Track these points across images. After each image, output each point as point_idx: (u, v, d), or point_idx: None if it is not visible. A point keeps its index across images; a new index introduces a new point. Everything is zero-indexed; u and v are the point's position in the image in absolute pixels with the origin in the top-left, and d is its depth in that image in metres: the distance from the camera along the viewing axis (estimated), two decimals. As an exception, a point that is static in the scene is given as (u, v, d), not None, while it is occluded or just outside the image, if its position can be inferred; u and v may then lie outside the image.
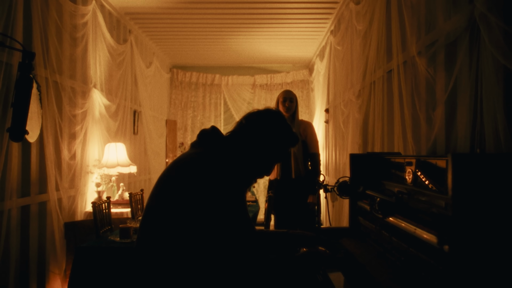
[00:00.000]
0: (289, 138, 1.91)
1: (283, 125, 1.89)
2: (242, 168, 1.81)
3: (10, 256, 3.13)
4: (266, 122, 1.86)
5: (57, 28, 3.77)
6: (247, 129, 1.85)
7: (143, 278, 1.66)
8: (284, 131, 1.89)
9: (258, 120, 1.87)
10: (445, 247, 1.31)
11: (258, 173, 1.89)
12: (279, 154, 1.89)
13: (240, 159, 1.81)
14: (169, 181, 1.71)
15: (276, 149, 1.87)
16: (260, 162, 1.86)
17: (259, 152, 1.84)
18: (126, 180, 5.58)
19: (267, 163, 1.89)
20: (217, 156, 1.76)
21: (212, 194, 1.63)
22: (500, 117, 1.71)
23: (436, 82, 2.42)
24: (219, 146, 1.80)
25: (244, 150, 1.82)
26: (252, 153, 1.83)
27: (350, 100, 4.52)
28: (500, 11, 1.75)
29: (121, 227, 2.99)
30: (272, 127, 1.86)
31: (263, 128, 1.85)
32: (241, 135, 1.85)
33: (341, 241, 2.40)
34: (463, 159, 1.27)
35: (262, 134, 1.84)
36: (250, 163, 1.83)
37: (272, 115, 1.90)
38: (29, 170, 3.43)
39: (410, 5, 2.80)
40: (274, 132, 1.86)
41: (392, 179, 2.16)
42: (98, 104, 4.66)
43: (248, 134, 1.84)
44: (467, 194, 1.25)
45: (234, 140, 1.84)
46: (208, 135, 1.84)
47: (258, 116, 1.89)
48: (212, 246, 1.62)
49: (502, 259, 1.24)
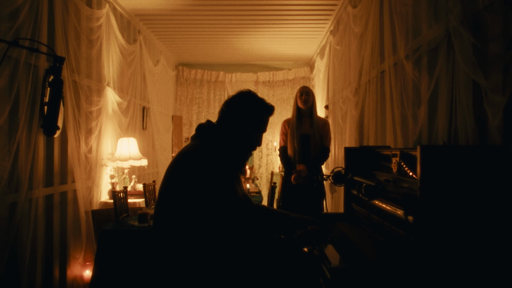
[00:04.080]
0: (263, 108, 2.21)
1: (255, 99, 2.20)
2: (234, 147, 2.14)
3: (37, 241, 3.45)
4: (240, 102, 2.18)
5: (75, 32, 4.07)
6: (229, 113, 2.17)
7: (159, 255, 1.98)
8: (257, 104, 2.19)
9: (235, 102, 2.19)
10: (409, 218, 1.64)
11: (250, 146, 2.21)
12: (260, 124, 2.21)
13: (231, 140, 2.14)
14: (176, 170, 2.03)
15: (255, 120, 2.18)
16: (246, 136, 2.17)
17: (243, 127, 2.15)
18: (137, 173, 5.91)
19: (252, 135, 2.19)
20: (213, 145, 2.09)
21: (213, 178, 1.95)
22: (469, 116, 2.01)
23: (421, 83, 2.72)
24: (213, 136, 2.13)
25: (231, 131, 2.15)
26: (238, 130, 2.15)
27: (348, 98, 4.80)
28: (471, 25, 2.04)
29: (140, 213, 3.32)
30: (246, 104, 2.17)
31: (239, 107, 2.17)
32: (225, 119, 2.17)
33: (336, 225, 2.70)
34: (429, 150, 1.57)
35: (240, 112, 2.16)
36: (239, 139, 2.15)
37: (244, 95, 2.21)
38: (52, 163, 3.75)
39: (400, 12, 3.08)
40: (249, 107, 2.17)
41: (381, 169, 2.45)
42: (111, 101, 4.97)
43: (231, 116, 2.16)
44: (432, 178, 1.56)
45: (222, 126, 2.17)
46: (204, 128, 2.17)
47: (233, 99, 2.21)
48: (217, 222, 1.93)
49: (457, 227, 1.55)
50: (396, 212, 1.90)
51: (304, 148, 4.39)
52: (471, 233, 1.55)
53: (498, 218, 1.54)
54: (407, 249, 1.76)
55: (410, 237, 1.71)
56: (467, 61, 1.97)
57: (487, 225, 1.55)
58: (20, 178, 3.15)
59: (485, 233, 1.55)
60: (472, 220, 1.56)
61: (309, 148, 4.37)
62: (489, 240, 1.54)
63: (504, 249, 1.53)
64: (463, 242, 1.55)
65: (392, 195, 1.99)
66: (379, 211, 2.18)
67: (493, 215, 1.55)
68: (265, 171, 9.13)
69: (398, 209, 1.85)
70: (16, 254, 3.13)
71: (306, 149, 4.39)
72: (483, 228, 1.55)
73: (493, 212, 1.55)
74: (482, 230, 1.55)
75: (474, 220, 1.56)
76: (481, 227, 1.55)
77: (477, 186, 1.56)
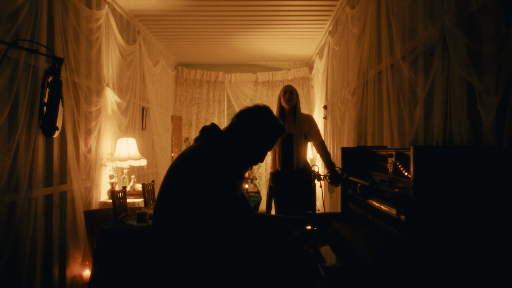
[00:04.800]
0: (275, 128, 2.24)
1: (269, 117, 2.23)
2: (237, 157, 2.15)
3: (37, 240, 3.47)
4: (254, 117, 2.20)
5: (75, 32, 4.10)
6: (239, 124, 2.19)
7: (158, 255, 2.00)
8: (271, 123, 2.22)
9: (248, 115, 2.21)
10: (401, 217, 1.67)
11: (252, 160, 2.24)
12: (268, 143, 2.24)
13: (236, 149, 2.15)
14: (177, 170, 2.05)
15: (265, 138, 2.21)
16: (252, 150, 2.19)
17: (251, 142, 2.18)
18: (136, 173, 5.93)
19: (259, 151, 2.22)
20: (216, 148, 2.10)
21: (213, 180, 1.96)
22: (464, 116, 2.04)
23: (417, 84, 2.74)
24: (218, 140, 2.14)
25: (238, 142, 2.16)
26: (245, 143, 2.17)
27: (346, 98, 4.81)
28: (465, 27, 2.06)
29: (138, 213, 3.34)
30: (259, 120, 2.20)
31: (252, 121, 2.19)
32: (235, 129, 2.19)
33: (333, 224, 2.73)
34: (422, 151, 1.60)
35: (252, 127, 2.18)
36: (244, 152, 2.17)
37: (259, 110, 2.23)
38: (52, 163, 3.77)
39: (397, 13, 3.10)
40: (261, 124, 2.20)
41: (378, 169, 2.48)
42: (110, 101, 4.99)
43: (241, 128, 2.18)
44: (424, 177, 1.58)
45: (229, 134, 2.19)
46: (208, 131, 2.19)
47: (247, 112, 2.23)
48: (217, 226, 1.95)
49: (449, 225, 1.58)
50: (390, 211, 1.93)
51: (287, 147, 4.41)
52: (463, 231, 1.58)
53: (489, 216, 1.57)
54: (400, 248, 1.78)
55: (402, 235, 1.73)
56: (462, 63, 2.00)
57: (478, 223, 1.58)
58: (20, 178, 3.17)
59: (476, 231, 1.57)
60: (463, 219, 1.58)
61: (292, 147, 4.38)
62: (480, 238, 1.57)
63: (495, 246, 1.55)
64: (454, 240, 1.58)
65: (387, 194, 2.02)
66: (375, 210, 2.20)
67: (484, 213, 1.57)
68: (264, 171, 9.16)
69: (392, 209, 1.88)
70: (16, 254, 3.15)
71: (289, 148, 4.40)
72: (474, 226, 1.58)
73: (484, 211, 1.57)
74: (473, 228, 1.58)
75: (465, 218, 1.58)
76: (473, 225, 1.58)
77: (469, 186, 1.58)
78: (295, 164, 4.37)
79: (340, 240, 2.33)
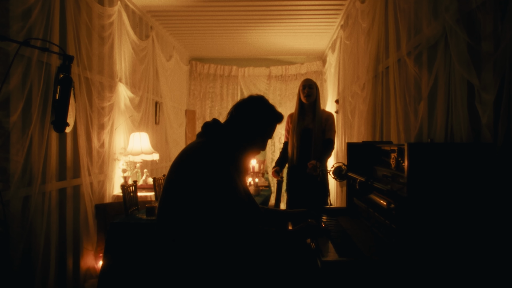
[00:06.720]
0: (272, 115, 2.28)
1: (265, 106, 2.26)
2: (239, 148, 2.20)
3: (51, 233, 3.58)
4: (250, 107, 2.24)
5: (87, 29, 4.18)
6: (237, 116, 2.24)
7: (162, 249, 2.06)
8: (267, 111, 2.26)
9: (244, 106, 2.25)
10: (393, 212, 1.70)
11: (254, 150, 2.28)
12: (267, 131, 2.28)
13: (236, 141, 2.20)
14: (180, 165, 2.10)
15: (262, 126, 2.25)
16: (252, 140, 2.24)
17: (250, 132, 2.22)
18: (149, 167, 6.03)
19: (259, 139, 2.26)
20: (217, 142, 2.15)
21: (215, 174, 2.01)
22: (463, 113, 2.05)
23: (421, 79, 2.75)
24: (218, 134, 2.19)
25: (238, 133, 2.21)
26: (245, 133, 2.21)
27: (356, 92, 4.82)
28: (466, 24, 2.07)
29: (147, 206, 3.42)
30: (256, 109, 2.24)
31: (249, 112, 2.23)
32: (233, 122, 2.24)
33: (338, 219, 2.76)
34: (415, 147, 1.62)
35: (250, 117, 2.22)
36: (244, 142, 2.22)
37: (254, 100, 2.28)
38: (65, 157, 3.87)
39: (403, 9, 3.10)
40: (258, 113, 2.23)
41: (382, 164, 2.50)
42: (123, 96, 5.08)
43: (239, 119, 2.23)
44: (418, 173, 1.61)
45: (229, 127, 2.23)
46: (209, 126, 2.24)
47: (243, 103, 2.27)
48: (219, 219, 2.00)
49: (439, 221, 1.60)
50: (386, 206, 1.96)
51: (305, 142, 4.38)
52: (453, 227, 1.60)
53: (478, 211, 1.59)
54: (395, 241, 1.81)
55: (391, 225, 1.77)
56: (461, 61, 2.01)
57: (470, 220, 1.60)
58: (33, 172, 3.26)
59: (468, 227, 1.60)
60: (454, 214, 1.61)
61: (310, 142, 4.35)
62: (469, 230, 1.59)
63: (484, 240, 1.57)
64: (445, 235, 1.60)
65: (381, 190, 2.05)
66: (375, 205, 2.23)
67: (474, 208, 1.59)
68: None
69: (385, 200, 1.91)
70: (30, 246, 3.25)
71: (307, 143, 4.37)
72: (466, 223, 1.60)
73: (476, 208, 1.59)
74: (465, 225, 1.60)
75: (456, 214, 1.61)
76: (464, 222, 1.60)
77: (462, 183, 1.61)
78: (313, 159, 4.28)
79: (342, 234, 2.37)
